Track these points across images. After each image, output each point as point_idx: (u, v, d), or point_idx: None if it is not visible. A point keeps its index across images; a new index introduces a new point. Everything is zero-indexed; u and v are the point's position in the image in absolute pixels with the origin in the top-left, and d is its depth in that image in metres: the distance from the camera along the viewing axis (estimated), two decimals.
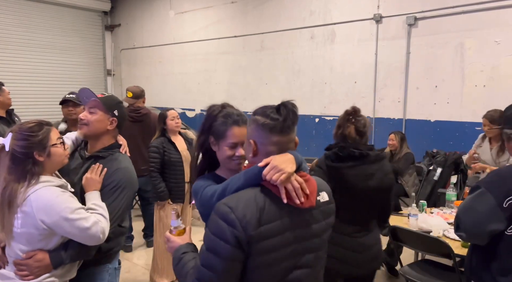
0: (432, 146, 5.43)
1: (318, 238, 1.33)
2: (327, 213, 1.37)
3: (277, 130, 1.26)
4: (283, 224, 1.24)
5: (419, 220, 2.99)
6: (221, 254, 1.18)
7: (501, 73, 5.01)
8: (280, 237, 1.23)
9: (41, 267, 1.59)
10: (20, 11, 8.66)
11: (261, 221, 1.20)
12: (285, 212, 1.25)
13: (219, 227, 1.19)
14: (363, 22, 6.13)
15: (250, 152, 1.31)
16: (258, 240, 1.19)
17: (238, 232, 1.17)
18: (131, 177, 1.86)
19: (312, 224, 1.30)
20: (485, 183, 1.73)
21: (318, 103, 6.81)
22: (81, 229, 1.56)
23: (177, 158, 3.45)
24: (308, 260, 1.30)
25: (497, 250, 1.68)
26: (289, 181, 1.23)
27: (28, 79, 8.73)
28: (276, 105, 1.30)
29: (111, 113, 1.87)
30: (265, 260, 1.21)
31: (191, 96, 8.84)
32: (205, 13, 8.33)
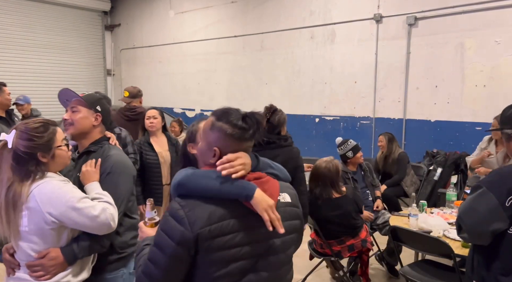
0: (432, 146, 5.43)
1: (279, 238, 1.29)
2: (289, 215, 1.34)
3: (243, 139, 1.28)
4: (235, 223, 1.22)
5: (419, 220, 2.99)
6: (164, 250, 1.19)
7: (501, 73, 5.01)
8: (232, 235, 1.21)
9: (56, 265, 1.55)
10: (20, 11, 8.66)
11: (211, 219, 1.19)
12: (240, 211, 1.23)
13: (168, 223, 1.21)
14: (363, 22, 6.13)
15: (211, 158, 1.30)
16: (207, 238, 1.18)
17: (185, 229, 1.17)
18: (124, 161, 1.83)
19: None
20: (486, 182, 1.73)
21: (318, 103, 6.81)
22: (90, 218, 1.53)
23: (153, 160, 3.31)
24: (266, 263, 1.27)
25: (499, 250, 1.68)
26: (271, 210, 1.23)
27: (28, 79, 8.73)
28: (239, 114, 1.29)
29: (94, 109, 1.85)
30: (216, 258, 1.19)
31: (191, 96, 8.84)
32: (205, 13, 8.33)
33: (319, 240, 3.26)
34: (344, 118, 6.52)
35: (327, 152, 6.92)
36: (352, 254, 3.16)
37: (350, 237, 3.13)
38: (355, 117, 6.39)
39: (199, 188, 1.23)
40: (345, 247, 3.12)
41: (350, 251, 3.13)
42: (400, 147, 4.87)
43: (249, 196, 1.22)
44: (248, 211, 1.24)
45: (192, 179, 1.25)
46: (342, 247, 3.12)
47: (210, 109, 8.50)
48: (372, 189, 3.96)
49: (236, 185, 1.24)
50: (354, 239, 3.13)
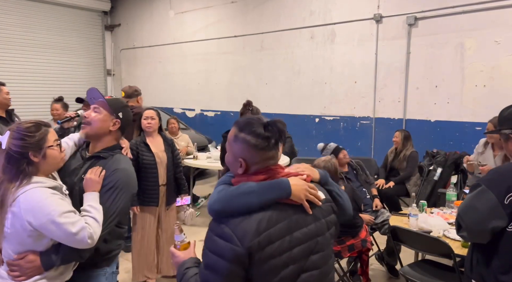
0: (432, 146, 5.43)
1: (321, 236, 1.32)
2: (326, 211, 1.37)
3: (267, 149, 1.28)
4: (281, 228, 1.22)
5: (419, 220, 2.99)
6: (219, 271, 1.18)
7: (501, 73, 5.01)
8: (281, 241, 1.21)
9: (32, 268, 1.57)
10: (20, 11, 8.67)
11: (259, 230, 1.18)
12: (282, 215, 1.24)
13: (215, 243, 1.20)
14: (363, 22, 6.14)
15: (238, 169, 1.31)
16: (258, 249, 1.17)
17: (235, 246, 1.16)
18: (129, 178, 1.82)
19: (311, 223, 1.30)
20: (485, 180, 1.73)
21: (318, 103, 6.81)
22: (67, 234, 1.53)
23: (150, 160, 3.29)
24: (315, 260, 1.29)
25: (498, 248, 1.68)
26: (308, 192, 1.30)
27: (28, 79, 8.74)
28: (262, 122, 1.29)
29: (116, 115, 1.86)
30: (270, 267, 1.19)
31: (191, 96, 8.84)
32: (205, 13, 8.33)
33: None
34: (344, 118, 6.52)
35: None
36: (352, 254, 3.16)
37: (350, 237, 3.12)
38: (355, 117, 6.39)
39: (241, 209, 1.22)
40: (345, 247, 3.12)
41: (350, 251, 3.13)
42: (413, 147, 4.86)
43: (289, 193, 1.25)
44: (291, 209, 1.26)
45: (228, 202, 1.24)
46: (342, 247, 3.12)
47: (210, 109, 8.52)
48: (368, 186, 3.97)
49: (272, 188, 1.25)
50: (354, 239, 3.13)
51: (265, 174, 1.29)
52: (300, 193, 1.27)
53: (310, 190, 1.31)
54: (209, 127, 8.24)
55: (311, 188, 1.32)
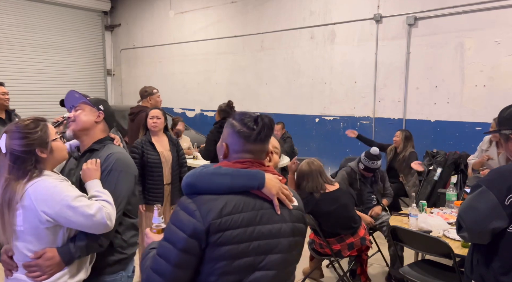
0: (432, 146, 5.43)
1: (285, 238, 1.30)
2: (296, 217, 1.35)
3: (250, 140, 1.30)
4: (246, 217, 1.23)
5: (419, 220, 2.99)
6: (176, 244, 1.19)
7: (501, 73, 5.01)
8: (242, 230, 1.21)
9: (52, 265, 1.54)
10: (20, 11, 8.67)
11: (223, 211, 1.20)
12: (250, 205, 1.25)
13: (179, 217, 1.22)
14: (363, 22, 6.14)
15: (221, 154, 1.37)
16: (217, 230, 1.18)
17: (197, 221, 1.18)
18: (125, 159, 1.81)
19: (277, 222, 1.29)
20: (486, 181, 1.73)
21: (318, 103, 6.81)
22: (85, 216, 1.50)
23: (155, 159, 3.31)
24: (273, 261, 1.27)
25: (498, 249, 1.68)
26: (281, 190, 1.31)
27: (28, 79, 8.73)
28: (255, 115, 1.32)
29: (97, 107, 1.88)
30: (225, 253, 1.19)
31: (191, 96, 8.84)
32: (205, 13, 8.34)
33: (318, 240, 3.26)
34: (344, 118, 6.52)
35: (327, 152, 6.93)
36: (352, 253, 3.17)
37: (350, 235, 3.13)
38: (355, 117, 6.39)
39: (210, 186, 1.25)
40: (345, 245, 3.12)
41: (350, 250, 3.13)
42: (413, 148, 4.83)
43: (261, 184, 1.26)
44: (261, 203, 1.27)
45: (201, 178, 1.26)
46: (342, 246, 3.12)
47: (210, 109, 8.51)
48: (379, 196, 3.90)
49: (247, 176, 1.27)
50: (353, 237, 3.13)
51: (245, 164, 1.31)
52: (272, 188, 1.28)
53: (283, 190, 1.32)
54: (209, 127, 8.18)
55: (284, 188, 1.33)
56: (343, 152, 6.38)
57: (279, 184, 1.31)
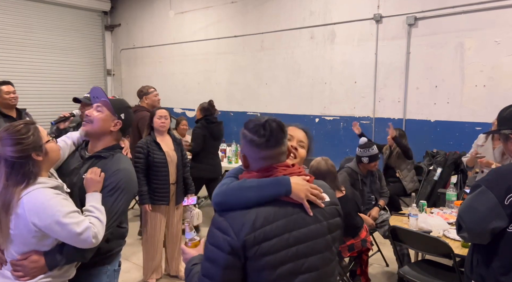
0: (432, 146, 5.43)
1: (321, 238, 1.31)
2: (329, 214, 1.36)
3: (263, 147, 1.29)
4: (279, 226, 1.23)
5: (419, 220, 2.99)
6: (217, 262, 1.21)
7: (501, 73, 5.01)
8: (278, 239, 1.22)
9: (36, 268, 1.57)
10: (20, 11, 8.66)
11: (256, 224, 1.20)
12: (281, 213, 1.25)
13: (214, 236, 1.23)
14: (363, 22, 6.14)
15: (243, 164, 1.38)
16: (253, 244, 1.19)
17: (231, 238, 1.19)
18: (130, 178, 1.83)
19: (311, 224, 1.29)
20: (485, 181, 1.73)
21: (318, 103, 6.81)
22: (72, 234, 1.54)
23: (161, 159, 3.33)
24: (313, 262, 1.28)
25: (498, 249, 1.68)
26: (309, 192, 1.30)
27: (28, 79, 8.73)
28: (262, 122, 1.31)
29: (118, 116, 1.85)
30: (266, 263, 1.21)
31: (191, 96, 8.84)
32: (205, 13, 8.33)
33: None
34: (344, 118, 6.52)
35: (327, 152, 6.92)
36: (352, 254, 3.17)
37: (350, 237, 3.13)
38: (355, 117, 6.39)
39: (239, 201, 1.25)
40: (345, 247, 3.12)
41: (350, 251, 3.13)
42: (408, 145, 4.84)
43: (288, 190, 1.26)
44: (292, 208, 1.27)
45: (229, 195, 1.27)
46: (342, 247, 3.12)
47: None
48: (378, 195, 3.91)
49: (272, 185, 1.26)
50: (354, 239, 3.13)
51: (268, 171, 1.30)
52: (300, 192, 1.27)
53: (312, 190, 1.31)
54: None
55: (313, 188, 1.32)
56: (343, 152, 6.38)
57: (307, 186, 1.30)
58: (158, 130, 3.41)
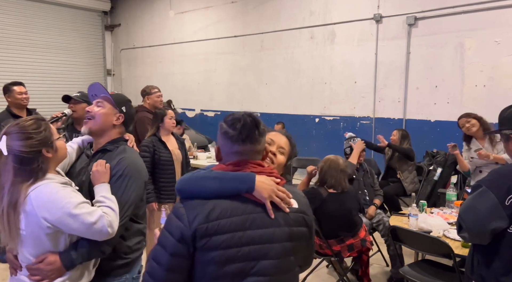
0: (432, 146, 5.43)
1: (278, 243, 1.24)
2: (294, 221, 1.29)
3: (234, 140, 1.26)
4: (234, 222, 1.20)
5: (419, 220, 2.99)
6: (166, 248, 1.21)
7: (501, 73, 5.01)
8: (231, 235, 1.19)
9: (53, 270, 1.53)
10: (20, 11, 8.67)
11: (210, 216, 1.19)
12: (240, 210, 1.22)
13: (170, 221, 1.23)
14: (363, 22, 6.13)
15: (216, 157, 1.37)
16: (204, 235, 1.17)
17: (184, 226, 1.19)
18: (137, 165, 1.78)
19: (269, 227, 1.23)
20: (486, 181, 1.73)
21: (318, 103, 6.81)
22: (86, 225, 1.48)
23: (167, 157, 3.39)
24: (264, 267, 1.22)
25: (499, 249, 1.68)
26: (274, 193, 1.25)
27: (28, 79, 8.69)
28: (239, 115, 1.29)
29: (119, 109, 1.82)
30: (212, 258, 1.18)
31: (191, 96, 8.84)
32: (205, 13, 8.33)
33: (318, 240, 3.26)
34: (344, 118, 6.52)
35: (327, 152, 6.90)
36: (352, 254, 3.17)
37: (350, 236, 3.13)
38: (355, 117, 6.39)
39: (199, 191, 1.23)
40: (345, 246, 3.12)
41: (349, 251, 3.13)
42: (411, 146, 4.84)
43: (251, 187, 1.22)
44: (253, 206, 1.23)
45: (191, 183, 1.26)
46: (342, 247, 3.12)
47: (210, 109, 8.51)
48: (370, 190, 3.93)
49: (236, 179, 1.24)
50: (354, 238, 3.13)
51: (237, 166, 1.28)
52: (264, 191, 1.22)
53: (278, 192, 1.26)
54: (209, 127, 8.23)
55: (280, 191, 1.27)
56: (343, 152, 6.38)
57: (273, 187, 1.25)
58: (168, 130, 3.51)
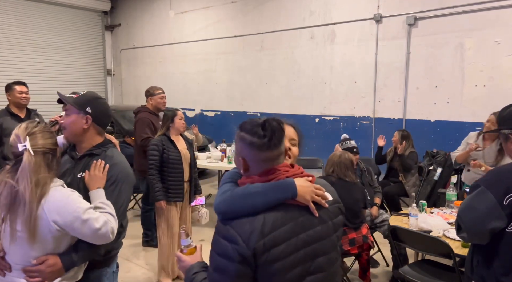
0: (432, 146, 5.43)
1: (327, 239, 1.30)
2: (333, 213, 1.35)
3: (264, 148, 1.25)
4: (287, 230, 1.21)
5: (419, 220, 2.99)
6: (228, 273, 1.18)
7: (501, 73, 5.01)
8: (287, 244, 1.20)
9: (54, 272, 1.57)
10: (20, 11, 8.67)
11: (264, 231, 1.18)
12: (288, 217, 1.23)
13: (222, 246, 1.20)
14: (363, 22, 6.14)
15: (241, 168, 1.32)
16: (264, 251, 1.17)
17: (241, 247, 1.16)
18: (127, 171, 1.83)
19: (317, 225, 1.28)
20: (484, 181, 1.73)
21: (318, 103, 6.81)
22: (92, 230, 1.55)
23: (176, 157, 3.42)
24: (320, 263, 1.28)
25: (498, 249, 1.68)
26: (314, 193, 1.29)
27: (28, 79, 8.65)
28: (261, 122, 1.27)
29: (84, 111, 1.80)
30: (276, 269, 1.19)
31: (191, 96, 8.84)
32: (205, 13, 8.34)
33: None
34: (344, 118, 6.52)
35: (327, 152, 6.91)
36: (353, 250, 3.17)
37: (352, 230, 3.14)
38: (355, 117, 6.39)
39: (245, 209, 1.22)
40: (346, 239, 3.14)
41: (351, 245, 3.14)
42: (413, 147, 4.85)
43: (294, 194, 1.24)
44: (298, 211, 1.25)
45: (234, 203, 1.24)
46: (344, 239, 3.14)
47: (210, 109, 8.52)
48: (370, 189, 3.94)
49: (278, 189, 1.24)
50: (356, 233, 3.15)
51: (270, 174, 1.27)
52: (306, 194, 1.25)
53: (316, 191, 1.30)
54: (209, 127, 8.24)
55: (317, 189, 1.30)
56: None
57: (311, 187, 1.29)
58: (178, 130, 3.54)
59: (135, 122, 4.15)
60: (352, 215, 3.15)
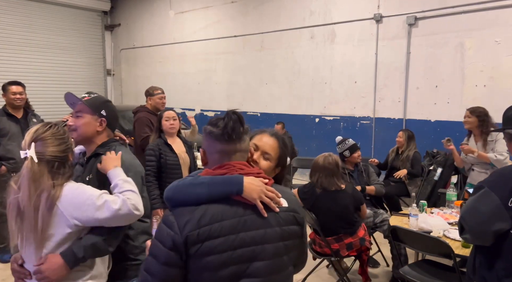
0: (432, 146, 5.43)
1: (271, 244, 1.24)
2: (284, 220, 1.28)
3: (218, 138, 1.26)
4: (226, 226, 1.19)
5: (419, 220, 2.99)
6: (158, 258, 1.19)
7: (501, 73, 5.00)
8: (224, 239, 1.18)
9: (56, 269, 1.52)
10: (20, 11, 8.66)
11: (201, 221, 1.17)
12: (231, 213, 1.21)
13: (160, 230, 1.21)
14: (363, 22, 6.13)
15: (202, 161, 1.35)
16: (196, 241, 1.16)
17: (175, 233, 1.17)
18: (132, 160, 1.81)
19: (261, 228, 1.23)
20: (489, 182, 1.72)
21: (318, 103, 6.81)
22: (112, 212, 1.52)
23: (174, 161, 3.23)
24: (258, 268, 1.22)
25: (501, 250, 1.67)
26: (263, 193, 1.24)
27: (28, 79, 8.69)
28: (223, 115, 1.28)
29: (99, 114, 1.80)
30: (208, 263, 1.17)
31: (191, 96, 8.84)
32: (205, 13, 8.33)
33: (318, 239, 3.26)
34: (344, 118, 6.52)
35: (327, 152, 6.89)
36: (351, 253, 3.17)
37: (348, 235, 3.13)
38: (355, 117, 6.39)
39: (188, 198, 1.22)
40: (343, 244, 3.12)
41: (348, 250, 3.13)
42: (416, 147, 4.87)
43: (240, 189, 1.21)
44: (244, 208, 1.22)
45: (179, 191, 1.24)
46: (340, 245, 3.13)
47: (210, 109, 8.51)
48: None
49: (223, 183, 1.23)
50: (352, 237, 3.13)
51: (224, 169, 1.27)
52: (253, 192, 1.22)
53: (267, 193, 1.25)
54: None
55: (269, 191, 1.26)
56: None
57: (262, 187, 1.24)
58: (167, 133, 3.30)
59: (134, 122, 4.12)
60: (345, 222, 3.13)
